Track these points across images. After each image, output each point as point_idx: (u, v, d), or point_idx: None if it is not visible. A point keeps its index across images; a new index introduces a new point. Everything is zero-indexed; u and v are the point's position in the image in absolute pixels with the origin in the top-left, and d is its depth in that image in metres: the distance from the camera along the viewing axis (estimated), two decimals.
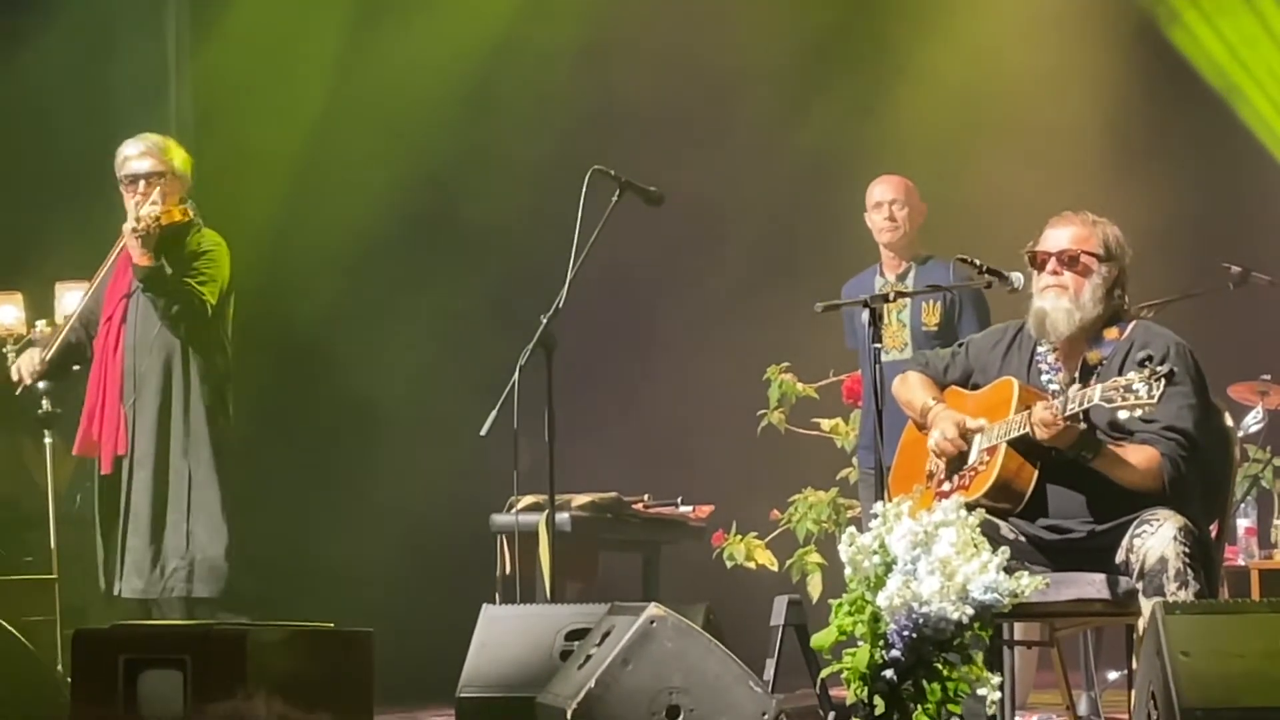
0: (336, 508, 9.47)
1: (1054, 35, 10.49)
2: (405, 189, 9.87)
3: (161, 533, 7.40)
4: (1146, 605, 5.37)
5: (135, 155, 7.58)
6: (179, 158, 7.62)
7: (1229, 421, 6.03)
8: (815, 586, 8.71)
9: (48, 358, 7.64)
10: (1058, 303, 5.78)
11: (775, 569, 8.93)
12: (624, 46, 10.25)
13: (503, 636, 6.44)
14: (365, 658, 5.87)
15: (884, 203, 8.03)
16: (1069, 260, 5.81)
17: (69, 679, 6.26)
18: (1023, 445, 5.68)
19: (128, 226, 7.42)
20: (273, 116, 8.97)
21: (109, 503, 7.48)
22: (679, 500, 8.85)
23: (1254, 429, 8.49)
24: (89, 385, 7.55)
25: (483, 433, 7.18)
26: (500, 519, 8.35)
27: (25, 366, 7.67)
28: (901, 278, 7.96)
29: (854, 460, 8.77)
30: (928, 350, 6.61)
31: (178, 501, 7.43)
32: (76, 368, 7.73)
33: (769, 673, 5.89)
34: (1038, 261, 5.86)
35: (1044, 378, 5.86)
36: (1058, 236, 5.86)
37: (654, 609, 5.65)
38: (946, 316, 7.87)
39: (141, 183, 7.51)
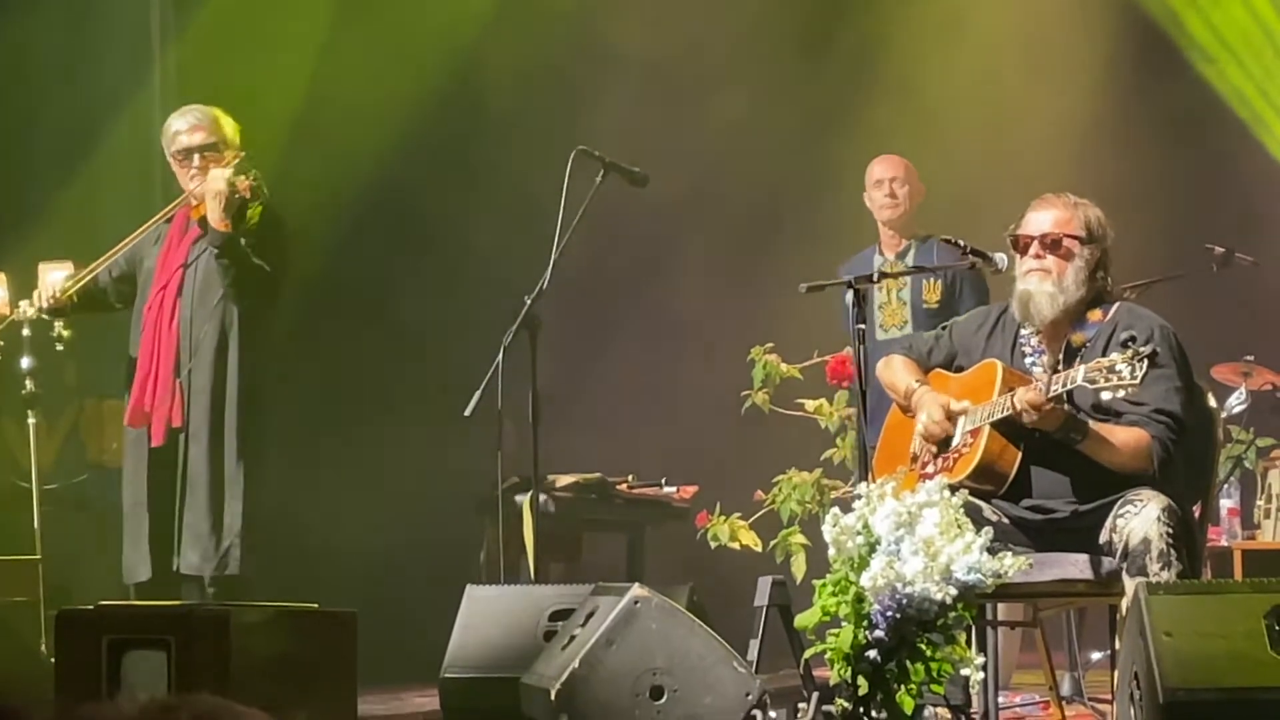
0: (320, 488, 9.46)
1: (1038, 13, 10.50)
2: (394, 162, 9.84)
3: (219, 507, 7.31)
4: (1129, 585, 5.38)
5: (186, 129, 7.42)
6: (229, 127, 7.47)
7: (1212, 402, 6.05)
8: (799, 567, 8.71)
9: (71, 289, 7.44)
10: (1041, 286, 5.79)
11: (759, 549, 8.93)
12: (610, 23, 10.24)
13: (487, 617, 6.44)
14: (349, 638, 5.87)
15: (884, 180, 8.06)
16: (1051, 243, 5.81)
17: (52, 660, 6.26)
18: (1006, 427, 5.69)
19: (216, 188, 7.23)
20: (261, 87, 8.92)
21: (161, 477, 7.38)
22: (663, 481, 8.85)
23: (1237, 410, 8.50)
24: (140, 355, 7.41)
25: (466, 413, 7.18)
26: (484, 499, 8.35)
27: (47, 287, 7.43)
28: (901, 256, 7.97)
29: (838, 441, 8.80)
30: (927, 329, 6.63)
31: (234, 476, 7.34)
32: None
33: (753, 653, 5.89)
34: (1020, 245, 5.86)
35: (1027, 360, 5.86)
36: (1039, 220, 5.86)
37: (638, 589, 5.66)
38: (947, 294, 7.87)
39: (196, 157, 7.38)
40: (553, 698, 5.48)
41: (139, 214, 7.66)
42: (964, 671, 5.04)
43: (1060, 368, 5.69)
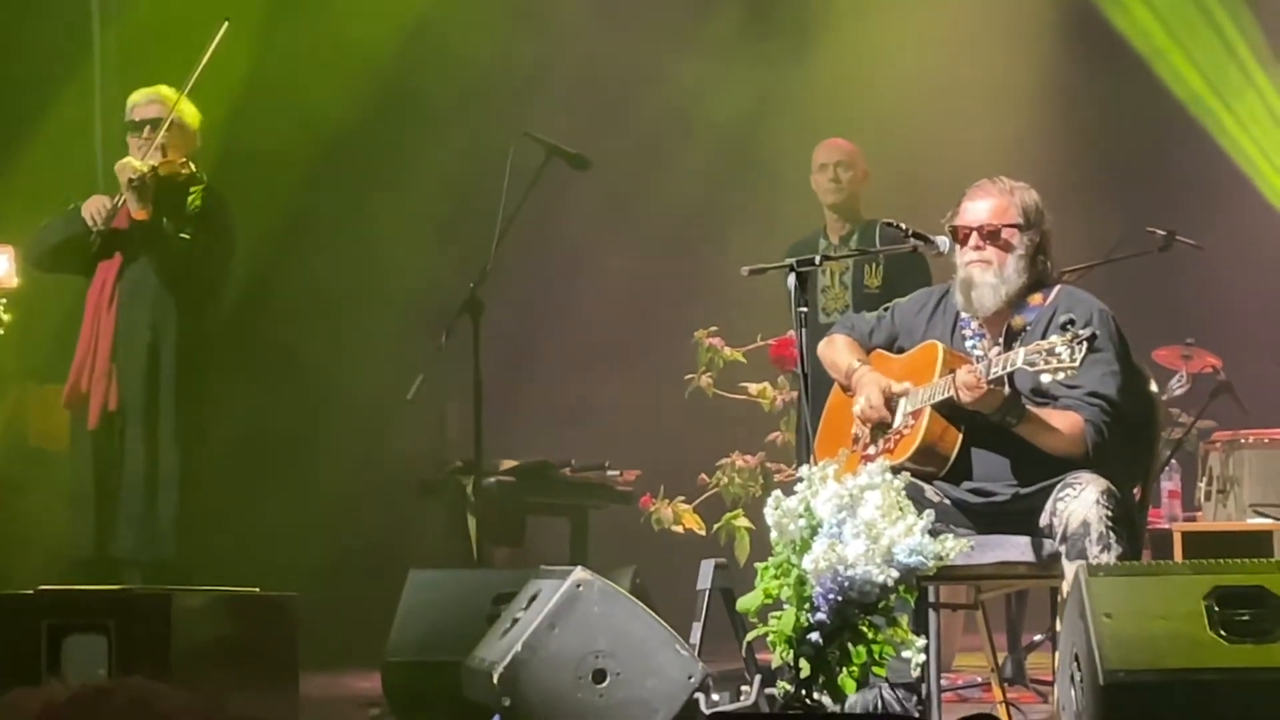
0: (260, 471, 9.42)
1: None
2: (333, 148, 9.80)
3: (155, 492, 7.27)
4: (1070, 568, 5.40)
5: (143, 102, 7.45)
6: (188, 112, 7.45)
7: (1153, 386, 6.06)
8: (743, 550, 8.73)
9: (119, 204, 7.37)
10: (983, 277, 5.78)
11: (702, 533, 8.95)
12: (550, 9, 10.23)
13: (429, 601, 6.44)
14: (290, 622, 5.87)
15: (829, 164, 8.13)
16: (990, 234, 5.81)
17: None
18: (947, 409, 5.70)
19: (124, 179, 7.25)
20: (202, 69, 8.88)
21: (102, 460, 7.33)
22: (606, 464, 8.85)
23: (1178, 393, 8.55)
24: (80, 337, 7.39)
25: (409, 397, 7.17)
26: (427, 483, 8.33)
27: (97, 206, 7.39)
28: (845, 240, 8.03)
29: (781, 424, 8.82)
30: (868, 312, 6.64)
31: (171, 461, 7.30)
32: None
33: (695, 636, 5.89)
34: (959, 235, 5.86)
35: (968, 343, 5.87)
36: (976, 210, 5.85)
37: (580, 573, 5.66)
38: (888, 278, 7.91)
39: (146, 128, 7.38)
40: (495, 681, 5.47)
41: (81, 198, 7.60)
42: (905, 654, 5.05)
43: (1001, 350, 5.70)
